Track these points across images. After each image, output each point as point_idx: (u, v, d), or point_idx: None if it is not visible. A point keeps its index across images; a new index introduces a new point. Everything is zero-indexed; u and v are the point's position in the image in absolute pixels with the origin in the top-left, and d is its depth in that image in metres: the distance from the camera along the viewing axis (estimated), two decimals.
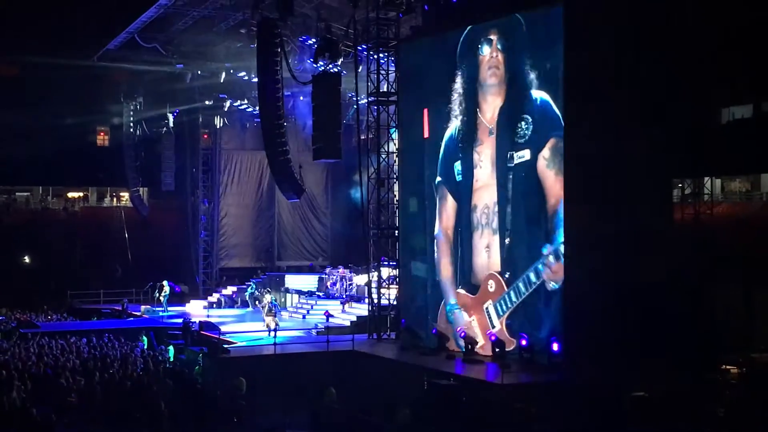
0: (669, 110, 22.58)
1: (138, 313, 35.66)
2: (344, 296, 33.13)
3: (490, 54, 24.09)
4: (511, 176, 23.35)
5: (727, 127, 28.81)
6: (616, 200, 21.42)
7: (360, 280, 32.69)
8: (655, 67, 22.05)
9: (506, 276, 23.53)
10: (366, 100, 29.20)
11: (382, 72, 28.35)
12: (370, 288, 28.83)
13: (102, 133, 53.31)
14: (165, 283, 37.51)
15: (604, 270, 21.05)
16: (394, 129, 29.12)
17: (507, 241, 23.55)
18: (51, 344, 27.73)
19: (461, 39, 25.07)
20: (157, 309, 36.18)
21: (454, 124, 25.43)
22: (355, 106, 31.52)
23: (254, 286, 37.81)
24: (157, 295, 37.13)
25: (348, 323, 28.99)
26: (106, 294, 39.96)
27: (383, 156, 28.81)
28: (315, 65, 32.95)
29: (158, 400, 18.05)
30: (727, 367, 21.56)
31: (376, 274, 28.66)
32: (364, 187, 28.67)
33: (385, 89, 28.56)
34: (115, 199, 55.73)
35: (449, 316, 25.43)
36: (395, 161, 29.05)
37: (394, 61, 28.71)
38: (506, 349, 23.01)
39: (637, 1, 21.70)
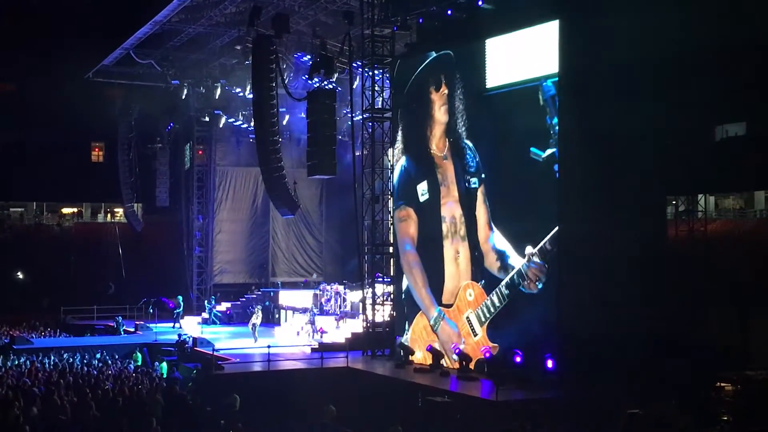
0: (663, 127, 22.63)
1: (131, 329, 35.52)
2: (338, 313, 33.06)
3: (441, 91, 25.58)
4: (468, 196, 24.67)
5: (720, 144, 28.89)
6: (609, 217, 21.45)
7: (354, 296, 32.62)
8: (649, 84, 22.14)
9: (482, 283, 23.92)
10: (361, 117, 29.25)
11: (377, 88, 28.41)
12: (364, 304, 28.78)
13: (97, 149, 53.40)
14: (179, 298, 37.68)
15: (599, 287, 21.05)
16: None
17: (476, 253, 24.37)
18: (44, 361, 27.65)
19: (417, 71, 26.53)
20: (175, 325, 36.01)
21: (402, 160, 27.21)
22: (350, 123, 31.58)
23: (213, 303, 38.17)
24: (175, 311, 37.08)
25: (342, 340, 28.90)
26: (100, 310, 39.82)
27: (378, 172, 28.83)
28: (310, 82, 33.11)
29: (150, 416, 17.94)
30: (722, 384, 21.52)
31: (370, 290, 28.61)
32: (359, 204, 28.67)
33: (380, 105, 28.61)
34: (109, 215, 55.74)
35: (435, 326, 25.51)
36: (390, 177, 29.07)
37: (388, 77, 28.78)
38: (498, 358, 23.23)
39: (632, 19, 21.78)
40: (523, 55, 22.95)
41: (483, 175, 24.21)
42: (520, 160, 22.83)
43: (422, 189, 26.21)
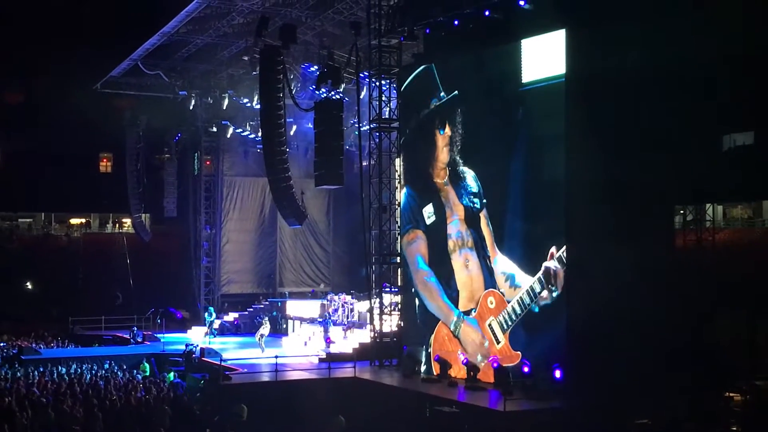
0: (671, 137, 22.61)
1: (140, 340, 35.51)
2: (346, 323, 33.04)
3: (446, 133, 25.81)
4: (473, 216, 24.80)
5: (728, 153, 28.88)
6: (617, 227, 21.40)
7: (362, 306, 32.61)
8: (656, 93, 22.12)
9: (502, 291, 23.81)
10: (368, 127, 29.27)
11: (384, 98, 28.44)
12: (372, 314, 28.76)
13: (105, 160, 53.63)
14: (212, 309, 37.49)
15: (607, 297, 20.98)
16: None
17: (486, 262, 24.42)
18: (52, 371, 27.69)
19: (422, 114, 26.64)
20: (209, 336, 35.88)
21: (404, 190, 27.68)
22: (357, 133, 31.62)
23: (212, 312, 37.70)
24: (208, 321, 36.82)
25: (350, 350, 28.86)
26: (108, 320, 39.87)
27: (385, 182, 28.84)
28: (317, 92, 33.18)
29: (158, 427, 17.97)
30: (731, 394, 21.45)
31: (377, 300, 28.59)
32: (366, 214, 28.67)
33: (387, 116, 28.64)
34: (117, 226, 55.89)
35: (456, 331, 25.30)
36: (397, 187, 29.08)
37: (395, 87, 28.82)
38: (508, 368, 23.02)
39: (639, 30, 21.78)
40: (535, 61, 22.99)
41: (485, 200, 24.42)
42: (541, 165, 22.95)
43: (428, 212, 26.42)
